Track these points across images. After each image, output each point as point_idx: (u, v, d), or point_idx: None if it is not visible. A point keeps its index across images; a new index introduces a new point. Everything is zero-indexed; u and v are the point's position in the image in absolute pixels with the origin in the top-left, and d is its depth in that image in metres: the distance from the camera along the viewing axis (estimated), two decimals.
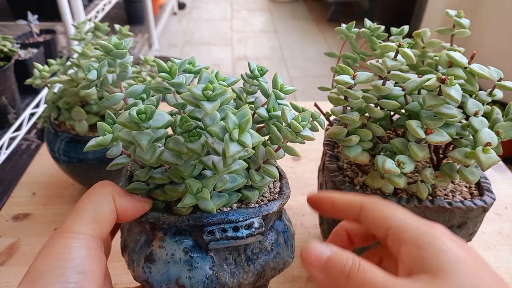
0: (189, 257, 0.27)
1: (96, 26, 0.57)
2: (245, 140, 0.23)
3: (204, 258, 0.27)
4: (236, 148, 0.23)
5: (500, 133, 0.29)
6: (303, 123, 0.26)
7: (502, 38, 1.71)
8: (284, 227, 0.32)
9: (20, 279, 0.24)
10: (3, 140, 0.92)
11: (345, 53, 0.42)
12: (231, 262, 0.28)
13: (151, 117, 0.24)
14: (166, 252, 0.28)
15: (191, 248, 0.27)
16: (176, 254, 0.28)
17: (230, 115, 0.23)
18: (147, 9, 2.27)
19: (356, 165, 0.39)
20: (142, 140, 0.24)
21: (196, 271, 0.27)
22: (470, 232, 0.36)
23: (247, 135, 0.23)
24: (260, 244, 0.29)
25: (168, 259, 0.28)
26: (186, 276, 0.27)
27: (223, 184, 0.27)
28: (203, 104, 0.24)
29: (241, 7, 3.55)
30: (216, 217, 0.27)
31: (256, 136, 0.24)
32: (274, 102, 0.29)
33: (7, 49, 0.83)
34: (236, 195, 0.29)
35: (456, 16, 0.37)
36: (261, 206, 0.29)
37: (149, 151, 0.25)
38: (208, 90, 0.24)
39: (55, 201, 0.59)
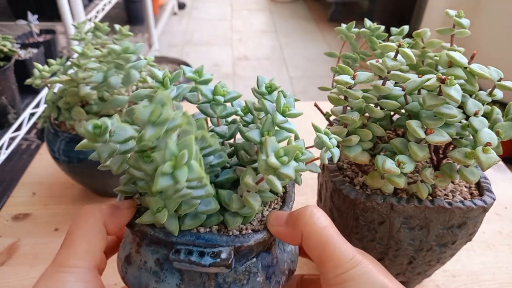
0: (158, 269, 0.27)
1: (96, 26, 0.57)
2: (178, 175, 0.20)
3: (172, 274, 0.27)
4: (165, 182, 0.20)
5: (500, 133, 0.29)
6: (282, 159, 0.23)
7: (502, 38, 1.71)
8: (271, 261, 0.29)
9: (20, 279, 0.24)
10: (3, 140, 0.92)
11: (345, 53, 0.42)
12: (199, 284, 0.27)
13: (105, 133, 0.23)
14: (141, 258, 0.28)
15: (163, 261, 0.27)
16: (148, 263, 0.27)
17: (170, 144, 0.21)
18: (147, 9, 2.27)
19: (356, 165, 0.39)
20: (102, 152, 0.24)
21: (163, 284, 0.27)
22: (470, 232, 0.36)
23: (183, 169, 0.20)
24: (235, 273, 0.27)
25: (141, 265, 0.28)
26: (153, 286, 0.27)
27: (188, 208, 0.25)
28: (145, 129, 0.22)
29: (241, 7, 3.55)
30: (186, 237, 0.26)
31: (196, 172, 0.21)
32: (270, 125, 0.27)
33: (7, 49, 0.82)
34: (217, 217, 0.27)
35: (456, 16, 0.37)
36: (237, 236, 0.27)
37: (116, 163, 0.25)
38: (155, 115, 0.21)
39: (55, 201, 0.59)
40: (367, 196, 0.34)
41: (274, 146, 0.24)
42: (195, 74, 0.31)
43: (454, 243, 0.36)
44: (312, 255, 0.26)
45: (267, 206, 0.30)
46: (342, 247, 0.25)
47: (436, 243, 0.36)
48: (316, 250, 0.25)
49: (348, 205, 0.35)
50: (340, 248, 0.25)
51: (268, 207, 0.30)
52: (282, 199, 0.31)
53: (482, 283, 0.48)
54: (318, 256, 0.25)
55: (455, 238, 0.36)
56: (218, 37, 2.87)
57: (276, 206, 0.30)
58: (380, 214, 0.34)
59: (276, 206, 0.30)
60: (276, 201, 0.31)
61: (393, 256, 0.38)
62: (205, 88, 0.30)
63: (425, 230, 0.35)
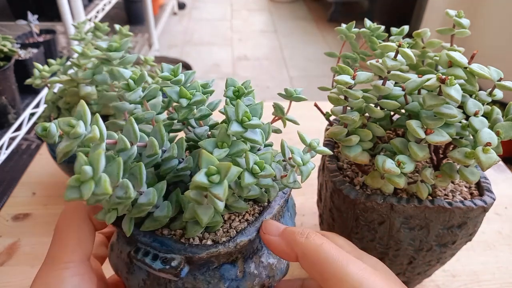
0: (129, 261, 0.28)
1: (96, 26, 0.57)
2: (83, 190, 0.20)
3: (140, 269, 0.27)
4: (72, 194, 0.20)
5: (500, 133, 0.29)
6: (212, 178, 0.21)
7: (502, 38, 1.71)
8: (235, 274, 0.27)
9: (20, 279, 0.24)
10: (3, 140, 0.92)
11: (345, 53, 0.42)
12: (161, 284, 0.27)
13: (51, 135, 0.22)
14: (119, 247, 0.29)
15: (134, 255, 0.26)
16: (122, 253, 0.29)
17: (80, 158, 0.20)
18: (147, 9, 2.27)
19: (356, 165, 0.39)
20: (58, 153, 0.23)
21: (132, 276, 0.28)
22: (470, 232, 0.36)
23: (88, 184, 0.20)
24: (195, 281, 0.26)
25: (118, 254, 0.29)
26: (125, 276, 0.28)
27: (137, 212, 0.25)
28: (62, 141, 0.22)
29: (241, 7, 3.55)
30: (144, 238, 0.26)
31: (103, 188, 0.20)
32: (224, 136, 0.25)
33: (7, 49, 0.82)
34: (180, 222, 0.26)
35: (456, 16, 0.37)
36: (191, 245, 0.25)
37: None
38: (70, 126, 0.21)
39: (55, 201, 0.59)
40: (367, 196, 0.34)
41: (209, 161, 0.22)
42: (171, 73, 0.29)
43: (454, 243, 0.36)
44: (312, 274, 0.24)
45: (240, 216, 0.28)
46: (343, 262, 0.23)
47: (436, 243, 0.36)
48: (316, 268, 0.24)
49: (348, 205, 0.35)
50: (341, 262, 0.23)
51: (242, 217, 0.28)
52: (260, 211, 0.29)
53: (482, 283, 0.48)
54: (319, 274, 0.24)
55: (455, 238, 0.36)
56: (218, 37, 2.87)
57: (250, 218, 0.28)
58: (380, 214, 0.34)
59: (250, 218, 0.28)
60: (253, 211, 0.29)
61: (393, 256, 0.38)
62: (171, 90, 0.28)
63: (425, 230, 0.35)
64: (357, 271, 0.23)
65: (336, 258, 0.23)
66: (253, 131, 0.26)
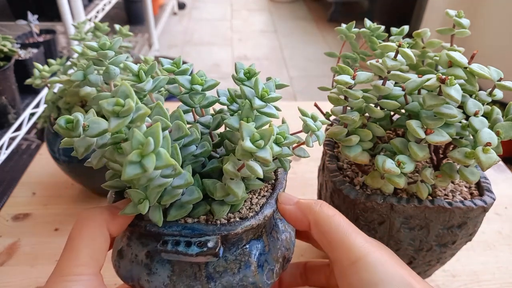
0: (149, 261, 0.27)
1: (96, 26, 0.57)
2: (146, 163, 0.20)
3: (163, 266, 0.27)
4: (133, 171, 0.20)
5: (500, 133, 0.29)
6: (258, 143, 0.23)
7: (502, 38, 1.71)
8: (262, 248, 0.29)
9: (20, 279, 0.24)
10: (3, 140, 0.92)
11: (345, 53, 0.42)
12: (190, 275, 0.27)
13: (77, 127, 0.23)
14: (132, 252, 0.28)
15: (153, 253, 0.27)
16: (139, 256, 0.28)
17: (136, 133, 0.21)
18: (147, 9, 2.27)
19: (356, 165, 0.39)
20: (79, 147, 0.24)
21: (154, 277, 0.27)
22: (470, 232, 0.36)
23: (151, 157, 0.20)
24: (225, 262, 0.27)
25: (132, 259, 0.28)
26: (145, 279, 0.27)
27: (170, 198, 0.25)
28: (110, 121, 0.21)
29: (241, 7, 3.55)
30: (172, 228, 0.26)
31: (164, 159, 0.21)
32: (249, 111, 0.26)
33: (7, 49, 0.82)
34: (204, 207, 0.27)
35: (456, 16, 0.37)
36: (224, 224, 0.26)
37: (95, 158, 0.25)
38: (118, 105, 0.21)
39: (55, 201, 0.59)
40: (367, 196, 0.34)
41: (250, 130, 0.23)
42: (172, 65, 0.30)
43: (454, 243, 0.36)
44: (321, 242, 0.26)
45: (257, 194, 0.30)
46: (352, 234, 0.25)
47: (436, 243, 0.36)
48: (326, 235, 0.25)
49: (348, 205, 0.35)
50: (351, 233, 0.25)
51: (258, 194, 0.30)
52: (272, 187, 0.31)
53: (482, 283, 0.48)
54: (328, 242, 0.25)
55: (455, 238, 0.36)
56: (218, 37, 2.87)
57: (265, 194, 0.30)
58: (380, 214, 0.34)
59: (265, 194, 0.30)
60: (266, 188, 0.31)
61: None
62: (182, 78, 0.29)
63: (425, 230, 0.35)
64: (364, 243, 0.24)
65: (346, 229, 0.25)
66: (269, 106, 0.28)
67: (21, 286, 0.46)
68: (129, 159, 0.20)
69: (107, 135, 0.24)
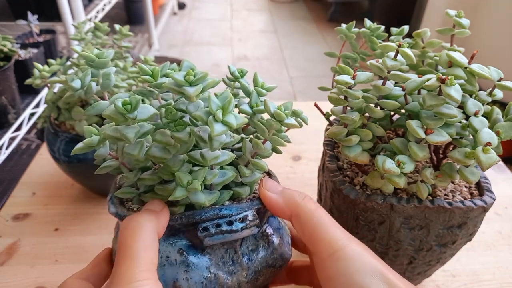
0: (184, 258, 0.27)
1: (96, 26, 0.57)
2: (229, 120, 0.23)
3: (200, 258, 0.27)
4: (221, 128, 0.23)
5: (500, 133, 0.29)
6: (286, 112, 0.26)
7: (502, 38, 1.71)
8: (278, 224, 0.32)
9: (20, 279, 0.23)
10: (3, 140, 0.92)
11: (345, 53, 0.42)
12: (227, 260, 0.28)
13: (136, 108, 0.24)
14: (161, 255, 0.27)
15: (186, 249, 0.27)
16: (171, 256, 0.27)
17: (212, 97, 0.24)
18: (147, 9, 2.27)
19: (356, 165, 0.39)
20: (129, 133, 0.24)
21: (193, 272, 0.27)
22: (470, 232, 0.36)
23: (231, 115, 0.24)
24: (255, 240, 0.29)
25: (163, 262, 0.27)
26: (183, 277, 0.26)
27: (212, 177, 0.26)
28: (185, 89, 0.24)
29: (241, 7, 3.55)
30: (209, 212, 0.27)
31: (240, 117, 0.24)
32: (256, 98, 0.29)
33: (7, 49, 0.83)
34: (228, 192, 0.29)
35: (456, 16, 0.37)
36: (253, 200, 0.29)
37: (136, 147, 0.25)
38: (190, 75, 0.24)
39: (55, 201, 0.59)
40: (367, 196, 0.34)
41: (274, 105, 0.27)
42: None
43: (454, 243, 0.36)
44: (303, 234, 0.27)
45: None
46: (332, 228, 0.26)
47: (436, 243, 0.36)
48: (307, 229, 0.26)
49: (348, 205, 0.35)
50: (331, 228, 0.26)
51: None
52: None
53: (482, 283, 0.48)
54: (309, 235, 0.26)
55: (455, 238, 0.36)
56: (218, 37, 2.87)
57: None
58: (380, 214, 0.34)
59: None
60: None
61: (393, 256, 0.38)
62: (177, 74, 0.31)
63: (425, 230, 0.35)
64: (342, 236, 0.26)
65: (327, 223, 0.26)
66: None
67: (21, 286, 0.46)
68: (215, 117, 0.23)
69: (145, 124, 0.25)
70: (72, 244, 0.53)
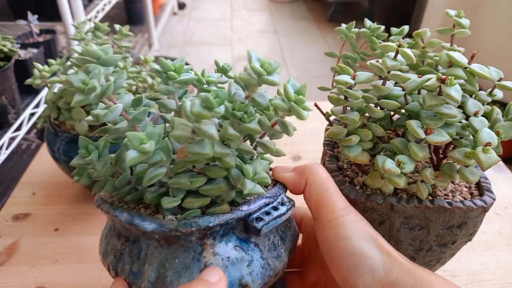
0: (243, 253, 0.27)
1: (96, 26, 0.57)
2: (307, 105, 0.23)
3: (253, 250, 0.28)
4: (306, 113, 0.23)
5: (500, 133, 0.29)
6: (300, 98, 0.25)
7: (502, 38, 1.71)
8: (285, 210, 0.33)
9: (20, 279, 0.23)
10: (3, 140, 0.92)
11: (345, 53, 0.42)
12: (271, 246, 0.29)
13: (223, 102, 0.23)
14: (221, 257, 0.26)
15: (240, 244, 0.28)
16: (231, 255, 0.27)
17: (288, 85, 0.24)
18: (147, 9, 2.27)
19: (356, 165, 0.39)
20: (210, 129, 0.22)
21: (253, 264, 0.27)
22: (470, 232, 0.36)
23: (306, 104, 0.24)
24: (283, 222, 0.30)
25: (225, 263, 0.26)
26: (247, 273, 0.27)
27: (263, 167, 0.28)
28: (267, 78, 0.24)
29: (241, 7, 3.55)
30: (256, 203, 0.28)
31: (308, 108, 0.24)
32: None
33: (7, 49, 0.83)
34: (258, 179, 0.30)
35: (456, 16, 0.37)
36: (274, 185, 0.30)
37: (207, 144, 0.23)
38: (266, 64, 0.24)
39: (55, 201, 0.59)
40: (367, 196, 0.34)
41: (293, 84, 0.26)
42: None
43: (454, 243, 0.36)
44: (310, 201, 0.29)
45: None
46: (337, 197, 0.29)
47: (436, 243, 0.36)
48: (316, 195, 0.29)
49: None
50: (335, 197, 0.29)
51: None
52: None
53: (482, 283, 0.48)
54: (315, 202, 0.29)
55: (455, 238, 0.36)
56: (218, 37, 2.87)
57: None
58: (380, 214, 0.34)
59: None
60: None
61: None
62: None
63: (425, 230, 0.35)
64: (344, 207, 0.28)
65: (333, 192, 0.29)
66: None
67: (21, 286, 0.46)
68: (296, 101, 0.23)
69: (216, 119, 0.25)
70: (72, 244, 0.53)
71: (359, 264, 0.26)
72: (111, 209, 0.27)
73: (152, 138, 0.23)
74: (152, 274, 0.26)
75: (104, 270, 0.31)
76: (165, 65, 0.27)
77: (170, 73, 0.27)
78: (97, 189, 0.29)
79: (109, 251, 0.29)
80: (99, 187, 0.28)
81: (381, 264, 0.26)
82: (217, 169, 0.26)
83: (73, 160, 0.27)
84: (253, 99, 0.25)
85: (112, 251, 0.29)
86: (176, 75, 0.27)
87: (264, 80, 0.24)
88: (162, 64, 0.27)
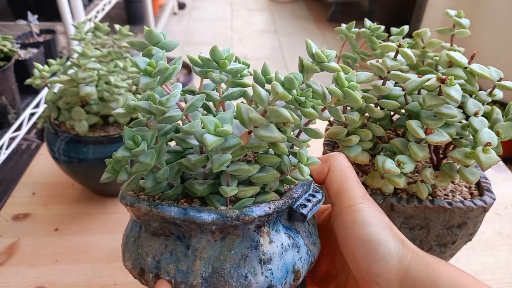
0: (292, 240, 0.28)
1: (96, 26, 0.57)
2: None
3: (298, 236, 0.28)
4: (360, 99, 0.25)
5: (500, 133, 0.29)
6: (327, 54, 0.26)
7: (502, 38, 1.71)
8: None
9: (20, 279, 0.23)
10: (3, 140, 0.92)
11: (345, 53, 0.42)
12: (308, 233, 0.30)
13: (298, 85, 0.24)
14: (276, 245, 0.26)
15: (287, 231, 0.28)
16: (284, 242, 0.27)
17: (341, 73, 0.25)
18: (147, 9, 2.27)
19: (356, 165, 0.39)
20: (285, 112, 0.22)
21: (301, 250, 0.28)
22: (470, 232, 0.36)
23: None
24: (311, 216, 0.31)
25: (280, 251, 0.26)
26: (298, 258, 0.27)
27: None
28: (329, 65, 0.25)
29: (241, 7, 3.55)
30: (299, 190, 0.28)
31: None
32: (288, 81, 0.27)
33: (7, 49, 0.83)
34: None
35: (456, 16, 0.37)
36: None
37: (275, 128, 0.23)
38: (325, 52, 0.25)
39: (55, 201, 0.59)
40: None
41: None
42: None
43: (454, 243, 0.36)
44: (331, 188, 0.30)
45: None
46: (357, 185, 0.29)
47: (436, 243, 0.36)
48: (337, 182, 0.30)
49: None
50: (355, 185, 0.29)
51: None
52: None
53: None
54: (336, 188, 0.29)
55: (455, 238, 0.36)
56: (218, 37, 2.87)
57: None
58: None
59: None
60: None
61: None
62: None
63: (425, 230, 0.35)
64: (363, 195, 0.29)
65: (353, 180, 0.30)
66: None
67: (21, 286, 0.46)
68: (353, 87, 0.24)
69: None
70: (72, 244, 0.53)
71: (374, 251, 0.27)
72: (152, 206, 0.25)
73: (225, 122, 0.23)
74: (205, 269, 0.25)
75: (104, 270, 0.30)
76: (218, 53, 0.27)
77: (222, 61, 0.27)
78: (130, 186, 0.27)
79: (143, 254, 0.27)
80: (133, 184, 0.27)
81: (395, 252, 0.26)
82: (272, 157, 0.26)
83: (117, 152, 0.24)
84: (309, 85, 0.25)
85: (149, 253, 0.26)
86: (228, 63, 0.27)
87: (325, 67, 0.25)
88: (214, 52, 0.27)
